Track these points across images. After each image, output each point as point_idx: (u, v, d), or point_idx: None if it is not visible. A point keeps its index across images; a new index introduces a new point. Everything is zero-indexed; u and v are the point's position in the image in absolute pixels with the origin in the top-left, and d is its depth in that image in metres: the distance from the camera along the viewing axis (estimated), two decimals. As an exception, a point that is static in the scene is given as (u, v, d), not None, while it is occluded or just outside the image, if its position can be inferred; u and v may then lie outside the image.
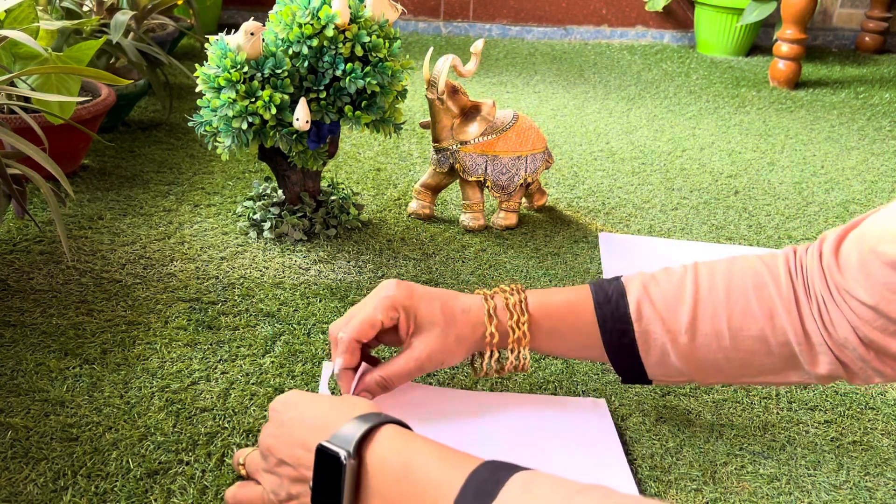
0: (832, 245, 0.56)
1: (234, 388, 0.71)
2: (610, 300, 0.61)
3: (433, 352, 0.62)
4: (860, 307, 0.54)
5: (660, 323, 0.60)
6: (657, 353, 0.61)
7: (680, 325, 0.59)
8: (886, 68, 2.17)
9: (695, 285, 0.60)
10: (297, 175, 0.99)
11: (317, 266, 0.93)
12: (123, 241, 0.96)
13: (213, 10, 2.07)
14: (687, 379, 0.62)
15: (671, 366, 0.61)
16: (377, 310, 0.62)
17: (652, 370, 0.62)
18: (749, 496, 0.62)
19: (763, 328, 0.58)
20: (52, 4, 1.21)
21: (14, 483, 0.59)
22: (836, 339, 0.56)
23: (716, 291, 0.59)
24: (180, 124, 1.38)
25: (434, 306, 0.63)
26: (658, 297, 0.60)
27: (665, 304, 0.60)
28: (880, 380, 0.57)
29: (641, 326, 0.60)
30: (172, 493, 0.59)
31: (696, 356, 0.60)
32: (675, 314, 0.59)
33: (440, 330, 0.62)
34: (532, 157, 1.04)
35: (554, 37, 2.36)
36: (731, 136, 1.52)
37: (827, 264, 0.56)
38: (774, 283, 0.58)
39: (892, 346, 0.54)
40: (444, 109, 1.00)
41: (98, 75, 0.83)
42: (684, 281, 0.60)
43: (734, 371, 0.60)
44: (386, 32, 0.91)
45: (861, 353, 0.55)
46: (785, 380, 0.60)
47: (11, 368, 0.71)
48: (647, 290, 0.61)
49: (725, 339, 0.59)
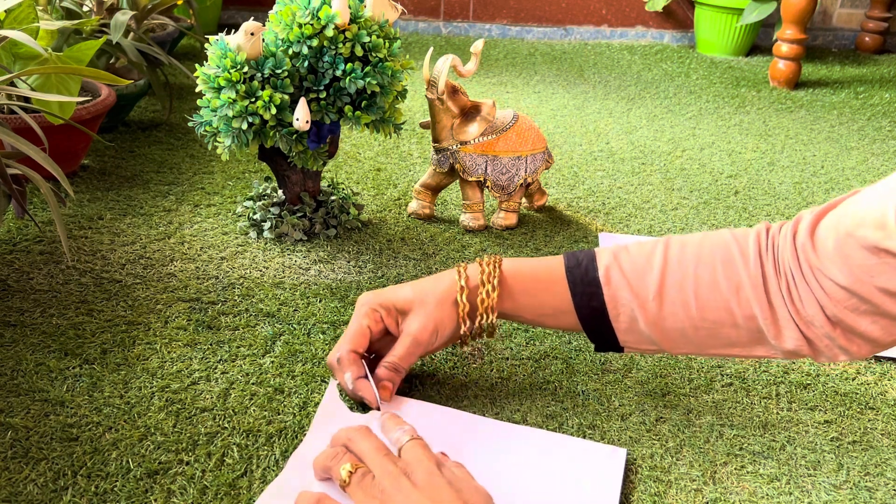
0: (808, 225, 0.57)
1: (234, 388, 0.71)
2: (580, 265, 0.63)
3: (423, 325, 0.66)
4: (833, 287, 0.55)
5: (628, 289, 0.61)
6: (626, 319, 0.62)
7: (648, 292, 0.61)
8: (886, 68, 2.17)
9: (664, 256, 0.61)
10: (297, 175, 0.99)
11: (317, 266, 0.93)
12: (123, 241, 0.96)
13: (213, 10, 2.07)
14: (657, 348, 0.63)
15: (640, 332, 0.62)
16: (360, 318, 0.67)
17: (623, 336, 0.63)
18: (749, 496, 0.62)
19: (729, 301, 0.59)
20: (52, 4, 1.21)
21: (14, 483, 0.59)
22: (804, 316, 0.57)
23: (685, 263, 0.61)
24: (180, 124, 1.38)
25: (405, 292, 0.67)
26: (627, 264, 0.62)
27: (634, 271, 0.61)
28: (845, 357, 0.59)
29: (610, 291, 0.62)
30: (172, 493, 0.59)
31: (663, 325, 0.61)
32: (644, 281, 0.61)
33: (419, 306, 0.66)
34: (532, 157, 1.04)
35: (554, 37, 2.36)
36: (731, 136, 1.52)
37: (801, 244, 0.57)
38: (743, 258, 0.59)
39: (860, 325, 0.55)
40: (444, 109, 1.00)
41: (98, 75, 0.83)
42: (655, 251, 0.62)
43: (701, 341, 0.62)
44: (386, 32, 0.91)
45: (828, 331, 0.57)
46: (751, 353, 0.62)
47: (11, 368, 0.71)
48: (616, 258, 0.63)
49: (692, 308, 0.60)
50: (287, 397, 0.70)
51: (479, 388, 0.73)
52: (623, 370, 0.77)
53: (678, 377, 0.76)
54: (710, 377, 0.76)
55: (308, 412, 0.68)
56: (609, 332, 0.64)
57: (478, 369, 0.76)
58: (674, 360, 0.79)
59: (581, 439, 0.65)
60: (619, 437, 0.67)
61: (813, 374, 0.78)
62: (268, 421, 0.67)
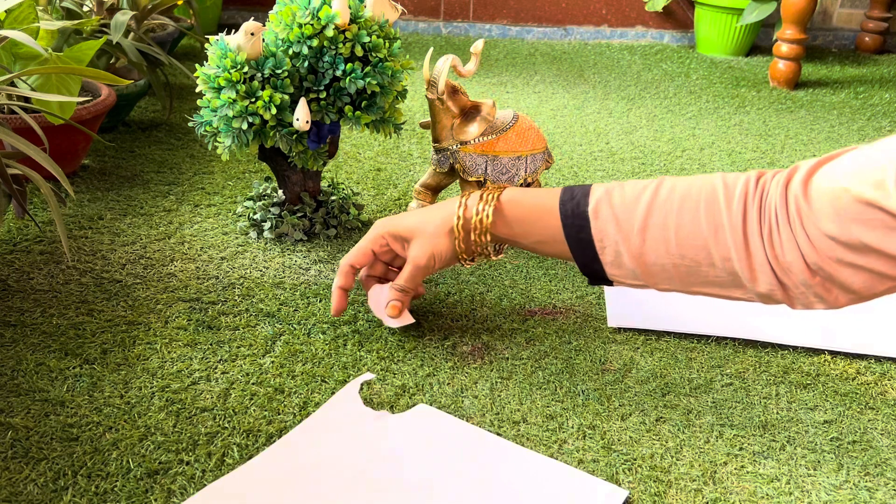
0: (804, 174, 0.59)
1: (234, 388, 0.71)
2: (574, 198, 0.67)
3: (421, 252, 0.73)
4: (819, 236, 0.57)
5: (614, 223, 0.64)
6: (612, 253, 0.65)
7: (632, 227, 0.64)
8: (886, 68, 2.17)
9: (653, 193, 0.64)
10: (298, 175, 0.99)
11: (317, 266, 0.93)
12: (123, 241, 0.96)
13: (213, 11, 2.07)
14: (642, 283, 0.66)
15: (625, 266, 0.65)
16: (367, 240, 0.76)
17: (609, 269, 0.66)
18: (749, 496, 0.62)
19: (707, 240, 0.61)
20: (52, 4, 1.21)
21: (14, 483, 0.59)
22: (782, 262, 0.59)
23: (671, 201, 0.63)
24: (180, 124, 1.38)
25: (410, 220, 0.75)
26: (617, 200, 0.65)
27: (623, 206, 0.64)
28: (821, 306, 0.60)
29: (598, 224, 0.65)
30: (173, 493, 0.59)
31: (645, 259, 0.64)
32: (630, 216, 0.64)
33: (420, 234, 0.73)
34: (532, 157, 1.04)
35: (554, 37, 2.36)
36: (731, 136, 1.52)
37: (793, 192, 0.59)
38: (727, 200, 0.62)
39: (841, 275, 0.57)
40: (444, 109, 1.00)
41: (98, 75, 0.83)
42: (645, 189, 0.65)
43: (681, 278, 0.64)
44: (386, 33, 0.91)
45: (805, 278, 0.59)
46: (729, 294, 0.64)
47: (11, 368, 0.71)
48: (608, 193, 0.66)
49: (672, 245, 0.62)
50: (287, 397, 0.70)
51: (478, 388, 0.73)
52: (623, 370, 0.77)
53: (678, 377, 0.76)
54: (710, 377, 0.76)
55: (308, 412, 0.68)
56: (597, 265, 0.67)
57: (478, 369, 0.76)
58: (674, 360, 0.79)
59: (585, 474, 0.64)
60: (619, 437, 0.67)
61: (813, 374, 0.78)
62: (268, 421, 0.67)
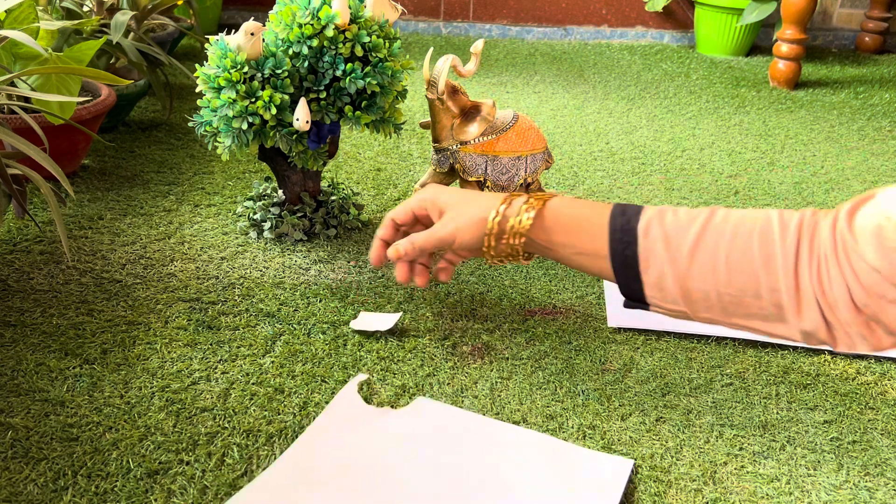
0: (849, 207, 0.59)
1: (234, 388, 0.71)
2: (625, 214, 0.66)
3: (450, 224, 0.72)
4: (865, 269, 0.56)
5: (664, 242, 0.63)
6: (655, 273, 0.64)
7: (682, 248, 0.62)
8: (886, 68, 2.17)
9: (707, 218, 0.63)
10: (298, 175, 0.99)
11: (317, 266, 0.93)
12: (123, 241, 0.96)
13: (213, 11, 2.07)
14: (680, 309, 0.65)
15: (667, 290, 0.64)
16: (411, 201, 0.76)
17: (650, 291, 0.65)
18: (749, 496, 0.62)
19: (757, 270, 0.60)
20: (52, 4, 1.21)
21: (14, 483, 0.59)
22: (829, 298, 0.58)
23: (724, 227, 0.62)
24: (180, 124, 1.38)
25: (454, 196, 0.74)
26: (669, 220, 0.64)
27: (674, 227, 0.64)
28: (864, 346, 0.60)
29: (646, 243, 0.64)
30: (173, 493, 0.59)
31: (689, 284, 0.63)
32: (681, 238, 0.63)
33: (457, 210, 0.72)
34: (532, 157, 1.04)
35: (554, 37, 2.36)
36: (731, 136, 1.52)
37: (840, 226, 0.58)
38: (781, 232, 0.61)
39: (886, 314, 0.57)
40: (444, 109, 1.00)
41: (98, 75, 0.83)
42: (699, 214, 0.64)
43: (723, 307, 0.63)
44: (386, 33, 0.91)
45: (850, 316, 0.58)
46: (771, 330, 0.63)
47: (11, 368, 0.71)
48: (661, 214, 0.65)
49: (720, 272, 0.61)
50: (287, 397, 0.70)
51: (478, 388, 0.73)
52: (623, 370, 0.77)
53: (678, 377, 0.76)
54: (710, 377, 0.76)
55: (308, 412, 0.68)
56: (638, 285, 0.65)
57: (478, 369, 0.76)
58: (674, 360, 0.79)
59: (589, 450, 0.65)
60: (619, 437, 0.67)
61: (813, 374, 0.78)
62: (268, 421, 0.67)
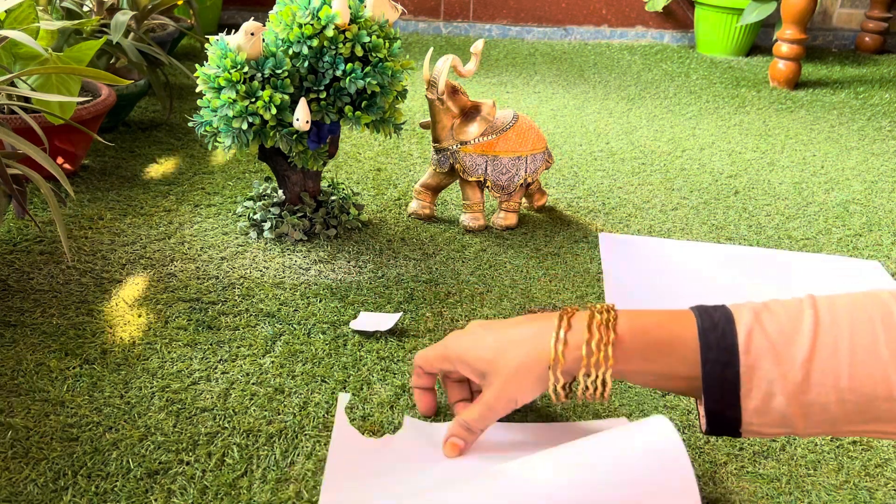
0: None
1: (234, 388, 0.71)
2: (716, 326, 0.54)
3: (502, 393, 0.60)
4: None
5: (771, 356, 0.52)
6: (760, 395, 0.53)
7: (795, 361, 0.52)
8: (886, 68, 2.17)
9: (814, 315, 0.53)
10: (298, 175, 0.99)
11: (317, 266, 0.93)
12: (123, 241, 0.96)
13: (213, 11, 2.07)
14: (786, 430, 0.54)
15: (773, 410, 0.53)
16: (436, 359, 0.65)
17: (749, 416, 0.54)
18: (749, 496, 0.62)
19: (887, 369, 0.50)
20: (52, 4, 1.21)
21: (14, 483, 0.59)
22: None
23: (839, 324, 0.52)
24: (180, 124, 1.38)
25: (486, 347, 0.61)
26: (772, 326, 0.53)
27: (781, 334, 0.53)
28: None
29: (749, 360, 0.53)
30: (173, 493, 0.59)
31: (805, 398, 0.52)
32: (791, 347, 0.52)
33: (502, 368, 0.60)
34: (532, 157, 1.04)
35: (554, 37, 2.36)
36: (731, 136, 1.52)
37: None
38: None
39: None
40: (444, 109, 1.00)
41: (98, 75, 0.83)
42: (802, 310, 0.53)
43: (845, 417, 0.52)
44: (386, 33, 0.91)
45: None
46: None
47: (11, 368, 0.71)
48: (759, 318, 0.54)
49: (843, 378, 0.51)
50: (287, 397, 0.70)
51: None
52: (623, 370, 0.77)
53: (678, 377, 0.76)
54: (710, 377, 0.76)
55: (308, 412, 0.68)
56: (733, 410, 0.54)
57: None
58: (674, 360, 0.79)
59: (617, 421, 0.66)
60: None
61: (813, 374, 0.78)
62: (268, 421, 0.67)
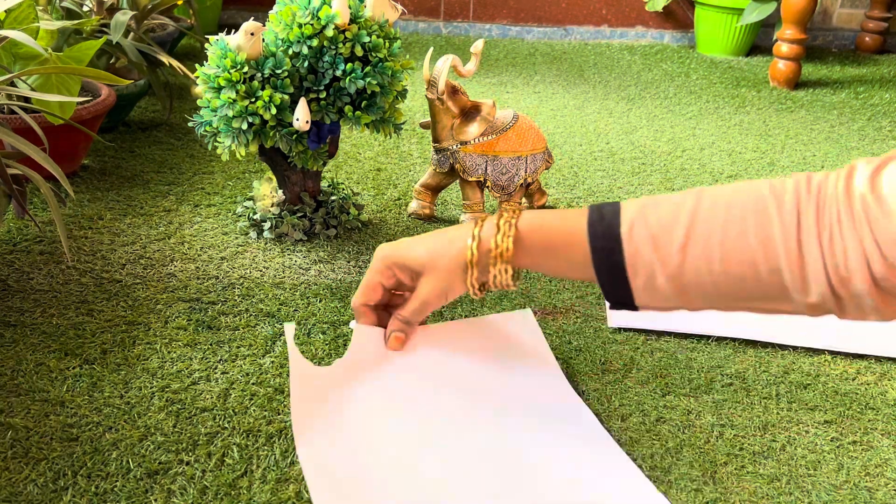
0: (870, 171, 0.54)
1: (234, 388, 0.71)
2: (604, 219, 0.62)
3: (432, 289, 0.69)
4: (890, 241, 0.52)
5: (650, 244, 0.59)
6: (644, 276, 0.60)
7: (671, 247, 0.58)
8: (886, 68, 2.17)
9: (693, 208, 0.59)
10: (298, 175, 0.99)
11: (317, 266, 0.93)
12: (123, 241, 0.96)
13: (213, 11, 2.07)
14: (673, 304, 0.61)
15: (657, 290, 0.60)
16: (374, 273, 0.71)
17: (639, 294, 0.61)
18: (749, 496, 0.62)
19: (755, 254, 0.56)
20: (52, 4, 1.21)
21: (14, 483, 0.59)
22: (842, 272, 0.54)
23: (715, 213, 0.58)
24: (180, 124, 1.38)
25: (419, 252, 0.69)
26: (653, 219, 0.60)
27: (660, 225, 0.59)
28: (874, 317, 0.56)
29: (632, 247, 0.60)
30: (172, 493, 0.59)
31: (683, 280, 0.59)
32: (668, 236, 0.59)
33: (431, 269, 0.69)
34: (532, 157, 1.04)
35: (554, 37, 2.36)
36: (731, 136, 1.52)
37: (859, 190, 0.54)
38: (778, 208, 0.57)
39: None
40: (444, 109, 1.00)
41: (98, 75, 0.83)
42: (684, 203, 0.60)
43: (721, 296, 0.59)
44: (386, 32, 0.91)
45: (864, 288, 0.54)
46: (775, 307, 0.59)
47: (11, 368, 0.71)
48: (643, 211, 0.61)
49: (716, 262, 0.57)
50: (287, 397, 0.70)
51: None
52: (623, 370, 0.77)
53: (678, 377, 0.76)
54: (711, 377, 0.76)
55: (308, 412, 0.68)
56: (626, 290, 0.62)
57: (478, 369, 0.76)
58: (674, 360, 0.79)
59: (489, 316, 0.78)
60: (619, 438, 0.67)
61: (813, 374, 0.78)
62: (268, 421, 0.67)
